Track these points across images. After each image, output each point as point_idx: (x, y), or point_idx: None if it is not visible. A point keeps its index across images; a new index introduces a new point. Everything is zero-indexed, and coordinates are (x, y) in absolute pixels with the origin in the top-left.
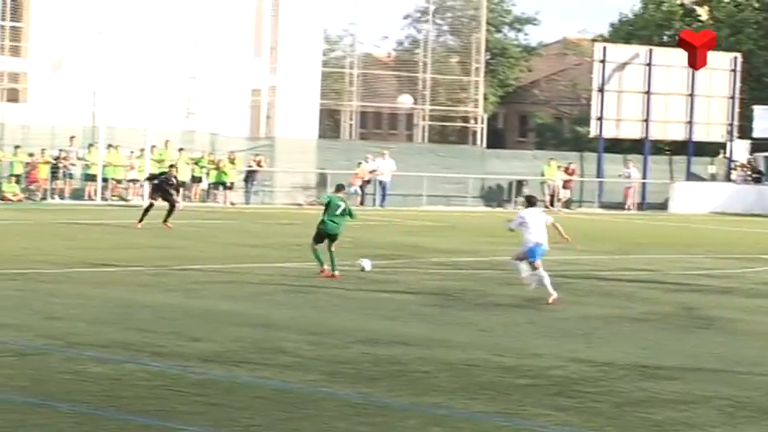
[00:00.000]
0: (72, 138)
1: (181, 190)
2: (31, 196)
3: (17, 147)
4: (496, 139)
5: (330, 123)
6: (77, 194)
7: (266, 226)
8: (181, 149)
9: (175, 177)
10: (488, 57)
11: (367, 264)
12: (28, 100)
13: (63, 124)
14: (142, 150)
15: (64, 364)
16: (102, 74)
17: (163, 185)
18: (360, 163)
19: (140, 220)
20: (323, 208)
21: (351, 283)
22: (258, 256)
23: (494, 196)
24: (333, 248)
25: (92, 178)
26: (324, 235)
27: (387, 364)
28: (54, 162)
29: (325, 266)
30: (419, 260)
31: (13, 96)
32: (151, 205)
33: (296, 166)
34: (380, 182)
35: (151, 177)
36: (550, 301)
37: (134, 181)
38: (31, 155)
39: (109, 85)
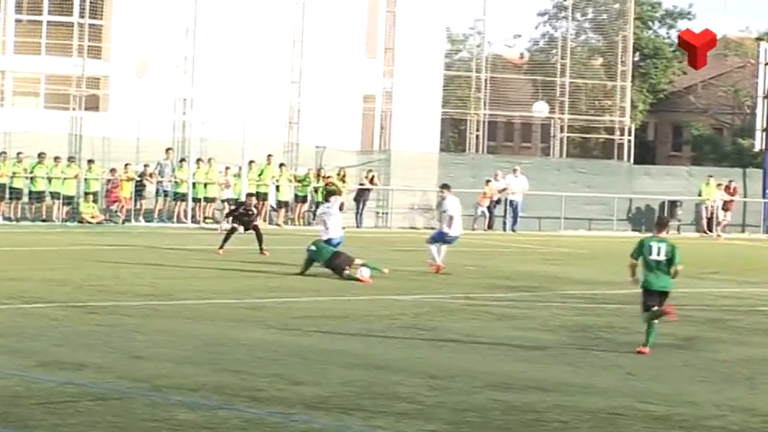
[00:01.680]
0: (168, 150)
1: (273, 213)
2: (113, 218)
3: (90, 161)
4: (646, 154)
5: (454, 135)
6: (164, 216)
7: (380, 252)
8: (282, 165)
9: (256, 207)
10: (637, 58)
11: (366, 272)
12: (109, 108)
13: (148, 136)
14: (239, 167)
15: (149, 410)
16: (192, 79)
17: (243, 218)
18: (488, 180)
19: (221, 246)
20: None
21: (477, 319)
22: (369, 288)
23: (643, 219)
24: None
25: (182, 197)
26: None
27: (519, 413)
28: (139, 179)
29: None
30: (556, 292)
31: (92, 104)
32: (234, 229)
33: (414, 184)
34: (511, 202)
35: (230, 214)
36: None
37: (229, 201)
38: (112, 170)
39: (201, 91)
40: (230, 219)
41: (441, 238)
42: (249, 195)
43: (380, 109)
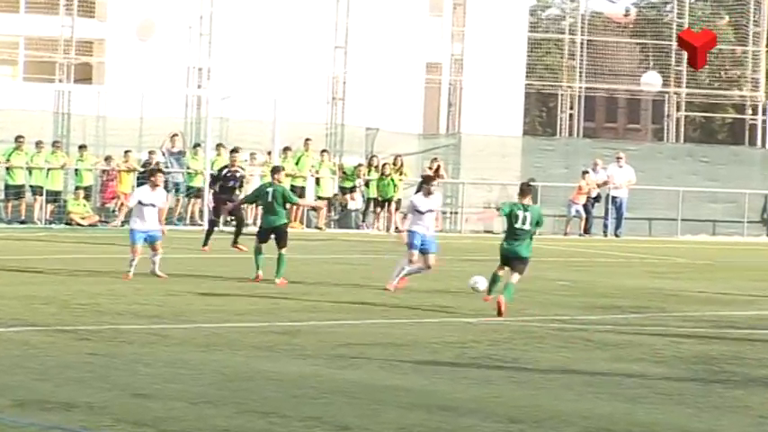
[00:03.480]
0: (174, 136)
1: (311, 212)
2: (109, 219)
3: (82, 147)
4: None
5: (541, 114)
6: (174, 217)
7: (447, 262)
8: (324, 152)
9: (241, 169)
10: None
11: (482, 282)
12: (104, 80)
13: (154, 115)
14: (269, 153)
15: None
16: (210, 43)
17: (226, 188)
18: (585, 172)
19: (205, 243)
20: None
21: (570, 347)
22: (434, 308)
23: None
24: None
25: (197, 194)
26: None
27: None
28: (142, 170)
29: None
30: (671, 314)
31: (83, 74)
32: (214, 222)
33: (491, 176)
34: (614, 199)
35: (214, 179)
36: None
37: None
38: (108, 159)
39: (220, 59)
40: (215, 191)
41: None
42: (234, 152)
43: (448, 81)
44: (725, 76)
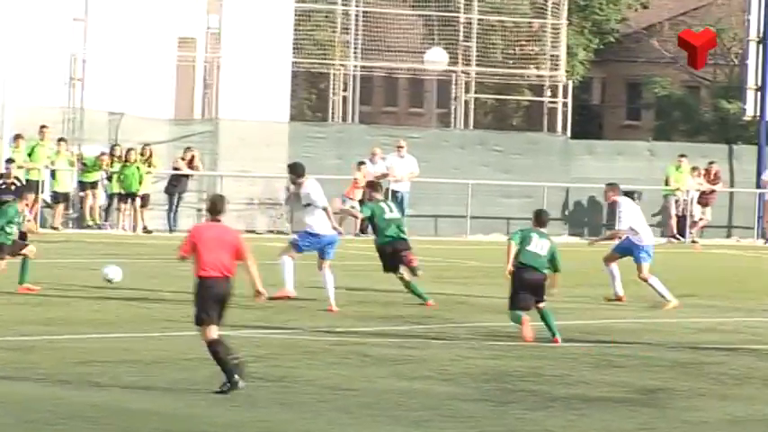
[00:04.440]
0: None
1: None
2: None
3: None
4: (589, 123)
5: (310, 96)
6: None
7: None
8: (61, 140)
9: (17, 180)
10: None
11: (114, 272)
12: None
13: None
14: None
15: None
16: None
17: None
18: (361, 162)
19: None
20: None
21: (344, 363)
22: (186, 319)
23: (585, 218)
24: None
25: None
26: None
27: None
28: None
29: None
30: (460, 325)
31: None
32: None
33: (254, 168)
34: (395, 193)
35: None
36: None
37: None
38: None
39: None
40: None
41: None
42: (9, 161)
43: (203, 59)
44: (520, 53)
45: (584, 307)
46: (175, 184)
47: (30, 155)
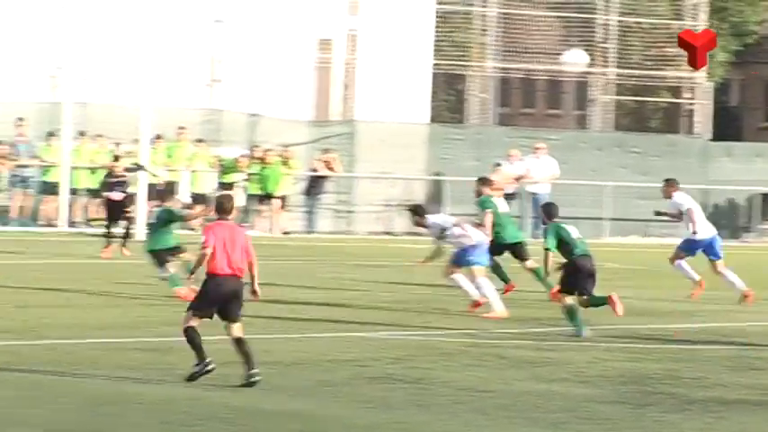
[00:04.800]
0: (21, 121)
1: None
2: None
3: None
4: (728, 125)
5: (449, 98)
6: (27, 217)
7: (337, 268)
8: (200, 141)
9: (121, 177)
10: None
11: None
12: None
13: (3, 100)
14: (136, 141)
15: None
16: (65, 13)
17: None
18: (498, 164)
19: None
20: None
21: (481, 365)
22: (325, 321)
23: (723, 220)
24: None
25: (52, 190)
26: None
27: None
28: None
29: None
30: (597, 327)
31: None
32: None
33: (392, 170)
34: (533, 195)
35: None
36: None
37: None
38: None
39: (78, 32)
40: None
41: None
42: (116, 158)
43: (342, 61)
44: (659, 55)
45: (720, 309)
46: (313, 186)
47: (169, 156)
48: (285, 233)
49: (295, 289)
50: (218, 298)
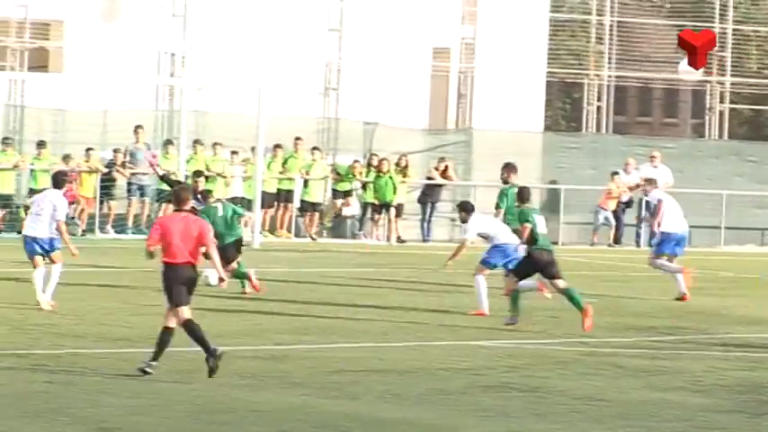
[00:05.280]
0: (138, 129)
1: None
2: (69, 226)
3: (40, 145)
4: None
5: (564, 106)
6: (143, 224)
7: (454, 278)
8: (315, 149)
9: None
10: None
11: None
12: (63, 68)
13: (120, 108)
14: (253, 149)
15: None
16: (185, 25)
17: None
18: (615, 173)
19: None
20: None
21: (599, 374)
22: (440, 329)
23: None
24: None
25: (168, 197)
26: None
27: None
28: (106, 170)
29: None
30: (714, 336)
31: (39, 61)
32: None
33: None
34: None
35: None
36: None
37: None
38: (66, 157)
39: (197, 43)
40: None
41: None
42: (197, 174)
43: (458, 69)
44: None
45: None
46: (429, 194)
47: (284, 164)
48: (400, 241)
49: (410, 297)
50: (182, 283)
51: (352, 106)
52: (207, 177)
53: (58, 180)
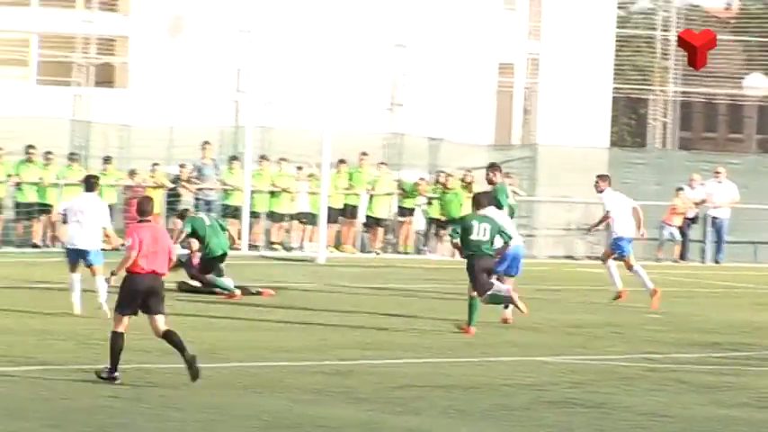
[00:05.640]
0: (206, 145)
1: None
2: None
3: (107, 160)
4: None
5: (630, 122)
6: None
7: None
8: (382, 164)
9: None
10: None
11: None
12: (129, 83)
13: (186, 124)
14: (319, 165)
15: None
16: (250, 41)
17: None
18: (680, 189)
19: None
20: None
21: (664, 389)
22: (504, 345)
23: None
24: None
25: (234, 213)
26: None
27: None
28: (172, 186)
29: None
30: None
31: (105, 77)
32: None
33: (573, 193)
34: (714, 220)
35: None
36: None
37: (302, 217)
38: (132, 173)
39: (263, 59)
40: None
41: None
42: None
43: (523, 85)
44: None
45: None
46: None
47: (350, 179)
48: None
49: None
50: (137, 295)
51: (418, 122)
52: (274, 193)
53: (91, 183)
